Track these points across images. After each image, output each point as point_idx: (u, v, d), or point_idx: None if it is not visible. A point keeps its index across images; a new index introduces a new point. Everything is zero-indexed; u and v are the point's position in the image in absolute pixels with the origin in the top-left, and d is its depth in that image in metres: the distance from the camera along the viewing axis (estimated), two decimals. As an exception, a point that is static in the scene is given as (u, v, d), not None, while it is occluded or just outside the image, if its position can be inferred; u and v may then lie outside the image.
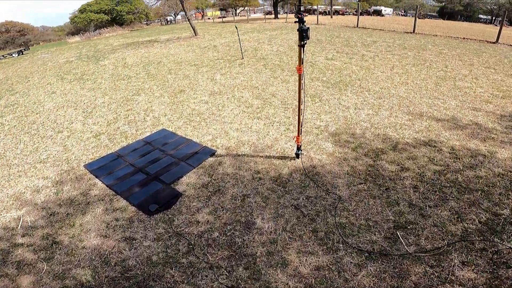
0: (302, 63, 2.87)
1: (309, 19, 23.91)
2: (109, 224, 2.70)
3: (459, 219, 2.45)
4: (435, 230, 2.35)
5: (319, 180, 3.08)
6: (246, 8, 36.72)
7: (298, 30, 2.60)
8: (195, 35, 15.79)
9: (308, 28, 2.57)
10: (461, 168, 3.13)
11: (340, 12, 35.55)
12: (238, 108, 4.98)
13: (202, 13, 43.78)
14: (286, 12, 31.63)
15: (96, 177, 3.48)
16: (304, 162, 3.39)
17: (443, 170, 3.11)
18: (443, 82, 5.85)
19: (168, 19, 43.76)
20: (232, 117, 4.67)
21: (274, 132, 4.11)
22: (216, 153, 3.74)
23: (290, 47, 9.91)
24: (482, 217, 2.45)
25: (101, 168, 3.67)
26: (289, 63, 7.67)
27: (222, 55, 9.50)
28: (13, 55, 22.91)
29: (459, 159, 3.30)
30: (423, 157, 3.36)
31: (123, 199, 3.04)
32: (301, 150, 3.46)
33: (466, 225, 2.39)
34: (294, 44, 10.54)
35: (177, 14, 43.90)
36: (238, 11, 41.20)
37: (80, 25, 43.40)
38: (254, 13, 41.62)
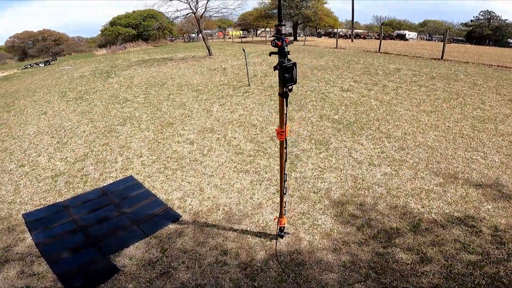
0: (286, 123, 2.00)
1: (327, 42, 23.29)
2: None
3: None
4: None
5: (302, 273, 2.17)
6: (266, 29, 36.95)
7: (276, 68, 1.72)
8: (209, 55, 15.49)
9: (294, 65, 1.71)
10: (506, 257, 2.15)
11: (362, 36, 34.91)
12: (225, 154, 4.14)
13: (223, 32, 44.63)
14: (307, 35, 31.35)
15: (29, 230, 2.85)
16: (288, 244, 2.47)
17: (480, 261, 2.18)
18: (482, 126, 4.78)
19: (192, 36, 44.86)
20: (216, 167, 3.82)
21: (260, 195, 3.21)
22: (180, 219, 2.90)
23: (303, 74, 9.14)
24: None
25: (39, 220, 3.01)
26: (297, 94, 6.84)
27: (229, 80, 8.87)
28: (40, 64, 23.82)
29: (504, 244, 2.33)
30: (454, 242, 2.42)
31: (47, 263, 2.42)
32: (284, 232, 2.55)
33: None
34: (309, 70, 9.78)
35: (200, 32, 44.99)
36: (258, 32, 41.60)
37: (109, 38, 45.37)
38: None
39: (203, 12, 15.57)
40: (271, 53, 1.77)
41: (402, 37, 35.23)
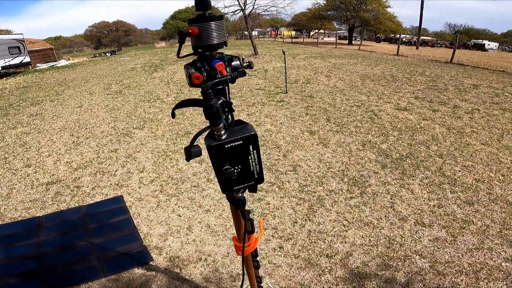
0: (247, 231, 1.04)
1: (386, 48, 20.94)
2: None
3: None
4: None
5: None
6: (321, 30, 35.26)
7: (188, 149, 0.79)
8: (255, 54, 14.94)
9: (249, 140, 0.76)
10: None
11: (429, 43, 31.08)
12: (235, 180, 3.41)
13: (276, 31, 43.97)
14: (364, 39, 29.00)
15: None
16: None
17: None
18: None
19: (245, 33, 45.06)
20: (217, 200, 3.10)
21: (262, 246, 2.40)
22: (150, 264, 2.28)
23: (352, 83, 7.95)
24: None
25: (5, 236, 2.67)
26: (340, 109, 5.79)
27: (267, 84, 8.11)
28: (107, 54, 26.01)
29: None
30: None
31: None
32: None
33: None
34: (359, 79, 8.53)
35: (253, 29, 44.95)
36: (311, 33, 40.00)
37: (169, 31, 47.98)
38: (328, 36, 39.68)
39: (252, 10, 15.07)
40: (174, 106, 0.82)
41: (480, 47, 30.48)
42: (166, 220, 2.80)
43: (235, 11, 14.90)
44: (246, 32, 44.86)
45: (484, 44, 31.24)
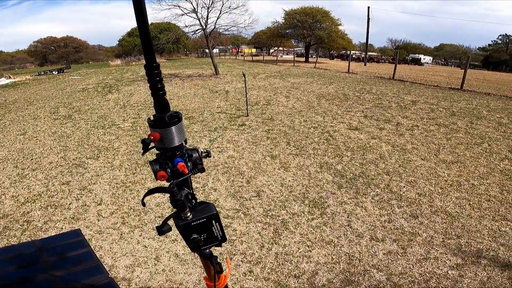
0: (217, 272, 1.10)
1: (339, 65, 22.71)
2: None
3: None
4: None
5: None
6: (280, 48, 36.94)
7: (160, 229, 0.77)
8: (216, 74, 15.13)
9: (211, 218, 0.82)
10: None
11: (375, 59, 34.37)
12: (199, 211, 3.39)
13: (237, 49, 45.00)
14: (320, 56, 31.01)
15: None
16: None
17: None
18: (511, 184, 3.94)
19: (207, 51, 45.34)
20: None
21: (233, 271, 2.43)
22: None
23: (309, 104, 8.45)
24: None
25: None
26: (299, 131, 6.11)
27: (228, 107, 8.25)
28: (53, 72, 24.11)
29: None
30: None
31: None
32: None
33: None
34: (316, 99, 9.10)
35: (214, 48, 45.49)
36: (271, 50, 41.71)
37: (125, 49, 46.21)
38: (287, 54, 41.75)
39: (213, 29, 15.34)
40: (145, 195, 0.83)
41: (417, 62, 34.50)
42: (131, 252, 2.69)
43: (196, 30, 15.04)
44: (207, 50, 45.25)
45: (420, 58, 35.38)
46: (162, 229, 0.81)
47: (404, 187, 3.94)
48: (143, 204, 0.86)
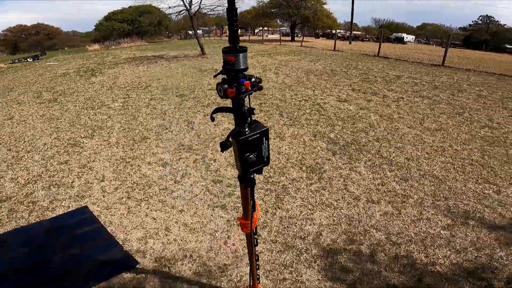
0: (254, 210, 1.28)
1: (324, 44, 22.64)
2: None
3: None
4: None
5: None
6: (264, 28, 36.23)
7: (223, 144, 1.00)
8: (202, 54, 14.83)
9: (263, 134, 1.05)
10: None
11: (360, 38, 34.41)
12: (202, 183, 3.49)
13: (221, 30, 43.76)
14: (305, 35, 30.71)
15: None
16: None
17: None
18: (492, 150, 4.25)
19: (189, 33, 43.83)
20: (188, 199, 3.20)
21: (236, 239, 2.59)
22: (137, 267, 2.31)
23: (298, 79, 8.54)
24: None
25: None
26: (291, 104, 6.24)
27: (218, 84, 8.22)
28: (28, 59, 22.82)
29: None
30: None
31: None
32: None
33: None
34: (304, 74, 9.18)
35: (198, 29, 43.95)
36: (256, 30, 40.85)
37: (103, 33, 44.02)
38: (272, 34, 41.01)
39: (197, 10, 14.88)
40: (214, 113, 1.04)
41: (400, 40, 34.83)
42: (141, 225, 2.81)
43: (180, 11, 14.54)
44: (190, 32, 43.76)
45: (403, 37, 35.75)
46: (226, 144, 0.99)
47: (394, 152, 4.19)
48: (212, 119, 1.01)
